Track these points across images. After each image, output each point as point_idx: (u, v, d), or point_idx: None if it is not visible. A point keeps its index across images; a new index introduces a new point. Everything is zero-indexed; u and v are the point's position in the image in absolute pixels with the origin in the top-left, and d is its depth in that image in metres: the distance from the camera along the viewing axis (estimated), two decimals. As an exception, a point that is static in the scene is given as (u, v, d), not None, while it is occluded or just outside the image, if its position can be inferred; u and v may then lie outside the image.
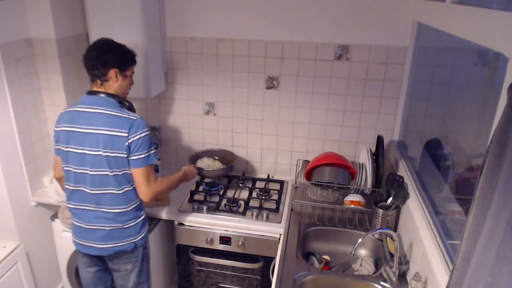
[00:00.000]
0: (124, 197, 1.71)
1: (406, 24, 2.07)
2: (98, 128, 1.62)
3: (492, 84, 1.52)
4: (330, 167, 2.02)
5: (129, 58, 1.74)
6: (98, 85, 1.69)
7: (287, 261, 1.72)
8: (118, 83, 1.70)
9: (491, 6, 1.13)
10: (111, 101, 1.67)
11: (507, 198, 0.72)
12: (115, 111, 1.64)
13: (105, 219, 1.72)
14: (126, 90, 1.77)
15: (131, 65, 1.75)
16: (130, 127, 1.62)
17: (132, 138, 1.62)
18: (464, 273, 0.86)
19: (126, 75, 1.73)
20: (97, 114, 1.63)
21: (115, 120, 1.62)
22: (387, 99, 2.23)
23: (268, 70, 2.30)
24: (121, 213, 1.72)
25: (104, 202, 1.70)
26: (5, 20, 1.93)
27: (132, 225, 1.76)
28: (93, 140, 1.62)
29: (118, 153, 1.62)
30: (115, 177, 1.66)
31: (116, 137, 1.61)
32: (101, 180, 1.67)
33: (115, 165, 1.64)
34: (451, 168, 1.71)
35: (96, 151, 1.63)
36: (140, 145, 1.64)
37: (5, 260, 2.04)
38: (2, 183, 2.03)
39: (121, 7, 2.04)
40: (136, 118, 1.65)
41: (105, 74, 1.66)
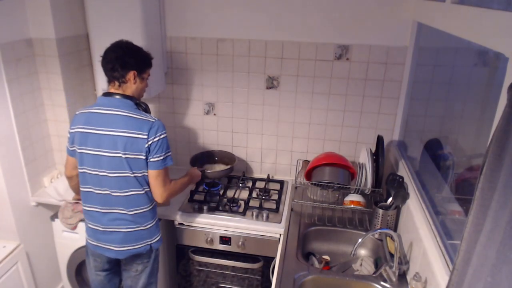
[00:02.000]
0: (145, 197, 1.72)
1: (406, 24, 2.07)
2: (116, 130, 1.62)
3: (492, 84, 1.52)
4: (330, 167, 2.02)
5: (147, 61, 1.75)
6: (116, 86, 1.69)
7: (287, 261, 1.72)
8: (136, 85, 1.71)
9: (491, 6, 1.13)
10: (129, 103, 1.67)
11: (507, 198, 0.72)
12: (133, 113, 1.65)
13: (123, 221, 1.71)
14: (142, 93, 1.78)
15: (148, 67, 1.76)
16: (150, 129, 1.62)
17: (152, 140, 1.63)
18: (464, 273, 0.86)
19: (143, 78, 1.74)
20: (115, 116, 1.63)
21: (134, 122, 1.63)
22: (387, 99, 2.23)
23: (268, 70, 2.30)
24: (141, 213, 1.73)
25: (124, 203, 1.69)
26: (5, 20, 1.93)
27: (149, 226, 1.77)
28: (111, 142, 1.62)
29: (138, 154, 1.63)
30: (136, 178, 1.67)
31: (136, 139, 1.61)
32: (121, 182, 1.66)
33: (135, 167, 1.65)
34: (451, 168, 1.71)
35: (115, 153, 1.63)
36: (159, 147, 1.65)
37: (5, 260, 2.04)
38: (2, 183, 2.03)
39: (121, 7, 2.04)
40: (154, 120, 1.66)
41: (124, 76, 1.66)
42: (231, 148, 2.55)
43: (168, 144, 1.71)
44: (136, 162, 1.64)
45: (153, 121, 1.65)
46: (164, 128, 1.68)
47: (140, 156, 1.63)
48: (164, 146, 1.67)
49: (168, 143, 1.70)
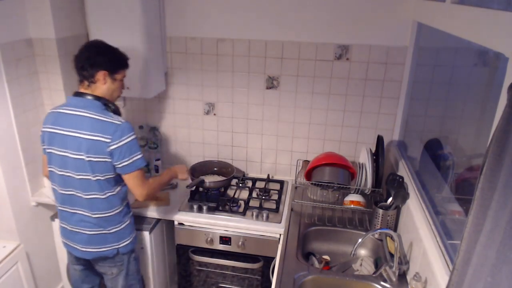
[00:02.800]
0: (107, 202, 1.69)
1: (406, 24, 2.07)
2: (81, 131, 1.59)
3: (492, 84, 1.52)
4: (330, 167, 2.02)
5: (120, 61, 1.71)
6: (85, 86, 1.66)
7: (287, 261, 1.72)
8: (107, 85, 1.67)
9: (491, 6, 1.13)
10: (96, 104, 1.64)
11: (507, 198, 0.72)
12: (100, 115, 1.61)
13: (87, 223, 1.71)
14: (115, 94, 1.74)
15: (121, 68, 1.72)
16: (114, 132, 1.59)
17: (116, 144, 1.59)
18: (464, 273, 0.86)
19: (115, 78, 1.70)
20: (81, 117, 1.61)
21: (98, 124, 1.59)
22: (387, 99, 2.23)
23: (268, 70, 2.30)
24: (104, 218, 1.71)
25: (87, 206, 1.69)
26: (5, 20, 1.93)
27: (115, 230, 1.75)
28: (75, 144, 1.60)
29: (102, 157, 1.60)
30: (98, 182, 1.65)
31: (99, 142, 1.58)
32: (85, 184, 1.65)
33: (98, 170, 1.62)
34: (451, 168, 1.71)
35: (78, 155, 1.61)
36: (125, 151, 1.61)
37: (5, 260, 2.04)
38: (2, 183, 2.03)
39: (121, 7, 2.04)
40: (120, 123, 1.61)
41: (93, 76, 1.64)
42: (231, 148, 2.55)
43: (137, 146, 1.67)
44: (100, 165, 1.61)
45: (119, 123, 1.61)
46: (131, 130, 1.64)
47: (104, 159, 1.60)
48: (132, 149, 1.63)
49: (136, 145, 1.66)
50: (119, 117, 1.65)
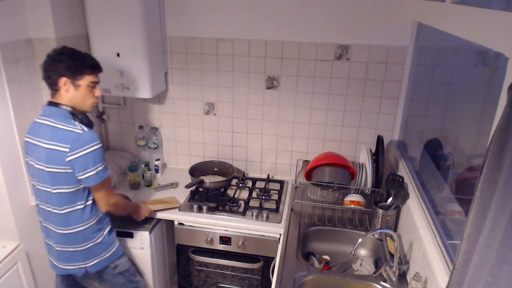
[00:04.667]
0: (64, 218, 1.62)
1: (406, 24, 2.07)
2: (41, 140, 1.55)
3: (492, 84, 1.52)
4: (330, 167, 2.02)
5: (81, 66, 1.59)
6: (52, 95, 1.62)
7: (287, 261, 1.72)
8: (70, 93, 1.58)
9: (491, 6, 1.13)
10: (61, 112, 1.57)
11: (507, 198, 0.72)
12: (61, 123, 1.54)
13: (53, 237, 1.68)
14: (84, 102, 1.63)
15: (82, 74, 1.59)
16: (73, 141, 1.51)
17: (76, 154, 1.51)
18: (464, 273, 0.86)
19: (78, 85, 1.59)
20: (44, 126, 1.56)
21: (58, 133, 1.53)
22: (387, 99, 2.23)
23: (268, 70, 2.30)
24: (64, 234, 1.64)
25: (52, 219, 1.65)
26: (5, 20, 1.93)
27: (78, 249, 1.66)
28: (39, 153, 1.56)
29: (61, 168, 1.52)
30: (57, 195, 1.58)
31: (57, 151, 1.51)
32: (47, 196, 1.61)
33: (58, 182, 1.55)
34: (451, 168, 1.71)
35: (39, 165, 1.57)
36: (88, 162, 1.53)
37: (5, 260, 2.04)
38: (2, 184, 2.03)
39: (121, 7, 2.04)
40: (81, 132, 1.53)
41: (55, 83, 1.57)
42: (231, 148, 2.55)
43: (101, 156, 1.58)
44: (60, 176, 1.53)
45: (80, 132, 1.52)
46: (94, 140, 1.54)
47: (64, 170, 1.52)
48: (95, 159, 1.54)
49: (100, 155, 1.57)
50: (82, 126, 1.56)
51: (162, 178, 2.51)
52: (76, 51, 1.62)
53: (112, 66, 2.16)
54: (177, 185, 2.39)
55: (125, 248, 2.14)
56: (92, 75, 1.63)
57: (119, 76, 2.18)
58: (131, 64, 2.15)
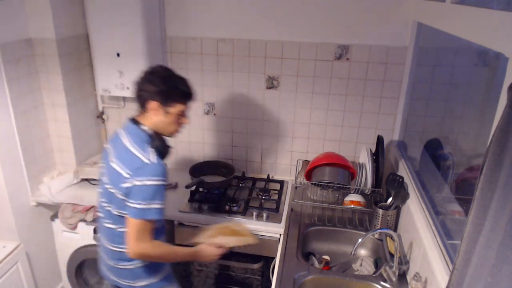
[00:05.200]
0: (114, 234, 1.54)
1: (406, 24, 2.07)
2: (114, 157, 1.49)
3: (492, 84, 1.52)
4: (330, 167, 2.02)
5: (175, 93, 1.48)
6: (139, 113, 1.54)
7: (287, 261, 1.72)
8: (158, 118, 1.49)
9: (491, 6, 1.13)
10: (140, 135, 1.48)
11: (507, 198, 0.72)
12: (134, 147, 1.45)
13: (105, 250, 1.62)
14: (169, 128, 1.54)
15: (177, 102, 1.49)
16: (136, 169, 1.41)
17: (133, 182, 1.40)
18: (464, 273, 0.86)
19: (168, 112, 1.48)
20: (120, 142, 1.50)
21: (127, 155, 1.45)
22: (387, 99, 2.23)
23: (268, 70, 2.30)
24: (115, 251, 1.56)
25: (104, 232, 1.60)
26: (5, 20, 1.93)
27: (127, 267, 1.57)
28: (107, 167, 1.52)
29: (117, 192, 1.45)
30: (109, 212, 1.52)
31: (119, 174, 1.43)
32: (105, 210, 1.55)
33: (115, 203, 1.48)
34: (451, 168, 1.71)
35: (104, 179, 1.54)
36: (141, 193, 1.40)
37: (5, 260, 2.04)
38: (2, 183, 2.03)
39: (121, 7, 2.04)
40: (148, 162, 1.41)
41: (144, 105, 1.49)
42: (231, 148, 2.55)
43: (161, 195, 1.43)
44: (115, 198, 1.46)
45: (147, 162, 1.41)
46: (157, 175, 1.41)
47: (117, 194, 1.45)
48: (150, 194, 1.40)
49: (160, 193, 1.43)
50: (153, 155, 1.44)
51: (162, 178, 2.51)
52: (171, 74, 1.51)
53: (112, 66, 2.16)
54: (177, 185, 2.39)
55: (125, 248, 2.14)
56: (183, 104, 1.52)
57: (119, 76, 2.18)
58: (131, 64, 2.15)
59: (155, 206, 1.42)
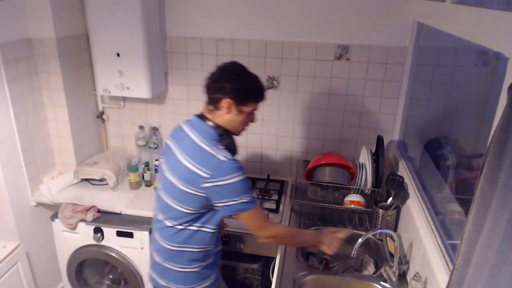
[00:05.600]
0: (175, 234, 1.50)
1: (406, 24, 2.07)
2: (184, 155, 1.43)
3: (492, 84, 1.52)
4: (330, 167, 2.02)
5: (251, 93, 1.46)
6: (208, 110, 1.49)
7: (287, 261, 1.72)
8: (230, 116, 1.45)
9: (491, 6, 1.13)
10: (209, 132, 1.45)
11: (507, 198, 0.72)
12: (206, 144, 1.41)
13: (158, 246, 1.57)
14: (239, 127, 1.51)
15: (251, 101, 1.46)
16: (215, 168, 1.38)
17: (214, 183, 1.38)
18: (464, 273, 0.86)
19: (242, 111, 1.46)
20: (188, 138, 1.45)
21: (201, 154, 1.40)
22: (387, 99, 2.23)
23: (268, 70, 2.30)
24: (169, 250, 1.52)
25: (160, 230, 1.55)
26: (5, 20, 1.93)
27: (174, 269, 1.54)
28: (175, 166, 1.45)
29: (196, 191, 1.40)
30: (179, 212, 1.46)
31: (196, 174, 1.39)
32: (165, 207, 1.51)
33: (186, 201, 1.44)
34: (451, 168, 1.71)
35: (172, 178, 1.46)
36: (227, 193, 1.40)
37: (5, 260, 2.04)
38: (2, 183, 2.03)
39: (121, 7, 2.04)
40: (224, 160, 1.39)
41: (217, 102, 1.44)
42: (231, 148, 2.54)
43: (242, 188, 1.41)
44: (190, 197, 1.42)
45: (223, 160, 1.38)
46: (236, 171, 1.39)
47: (197, 193, 1.41)
48: (234, 191, 1.40)
49: (240, 187, 1.40)
50: (226, 153, 1.41)
51: (162, 178, 2.51)
52: (247, 73, 1.48)
53: (112, 66, 2.16)
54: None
55: (125, 248, 2.15)
56: (257, 104, 1.50)
57: (119, 76, 2.18)
58: (131, 64, 2.15)
59: (246, 197, 1.43)
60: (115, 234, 2.12)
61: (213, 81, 1.45)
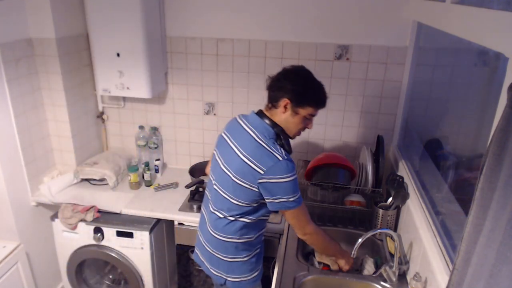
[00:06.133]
0: (224, 224, 1.55)
1: (406, 24, 2.07)
2: (241, 150, 1.47)
3: (492, 84, 1.52)
4: (330, 167, 2.02)
5: (309, 96, 1.47)
6: (267, 107, 1.52)
7: (287, 261, 1.72)
8: (285, 116, 1.48)
9: (491, 6, 1.13)
10: (267, 130, 1.48)
11: (507, 198, 0.72)
12: (264, 142, 1.45)
13: (208, 236, 1.63)
14: (293, 129, 1.53)
15: (308, 104, 1.47)
16: (271, 166, 1.41)
17: (268, 179, 1.42)
18: (464, 273, 0.86)
19: (297, 112, 1.48)
20: (246, 134, 1.49)
21: (259, 151, 1.44)
22: (387, 99, 2.23)
23: (268, 70, 2.30)
24: (220, 240, 1.58)
25: (210, 220, 1.61)
26: (5, 20, 1.93)
27: (225, 259, 1.60)
28: (231, 159, 1.49)
29: (250, 185, 1.45)
30: (231, 204, 1.51)
31: (252, 169, 1.43)
32: (217, 198, 1.56)
33: (240, 194, 1.49)
34: (451, 168, 1.71)
35: (227, 171, 1.50)
36: (279, 191, 1.44)
37: (5, 260, 2.04)
38: (2, 183, 2.03)
39: (121, 7, 2.04)
40: (281, 159, 1.42)
41: (276, 100, 1.48)
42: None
43: (292, 188, 1.45)
44: (243, 190, 1.47)
45: (279, 159, 1.42)
46: (290, 171, 1.43)
47: (250, 187, 1.46)
48: (285, 190, 1.44)
49: (291, 187, 1.44)
50: (283, 152, 1.45)
51: (162, 178, 2.51)
52: (311, 78, 1.50)
53: (112, 66, 2.16)
54: (177, 185, 2.39)
55: (125, 248, 2.15)
56: (315, 109, 1.51)
57: (119, 76, 2.18)
58: (131, 64, 2.15)
59: (294, 197, 1.47)
60: (115, 234, 2.12)
61: (277, 79, 1.49)
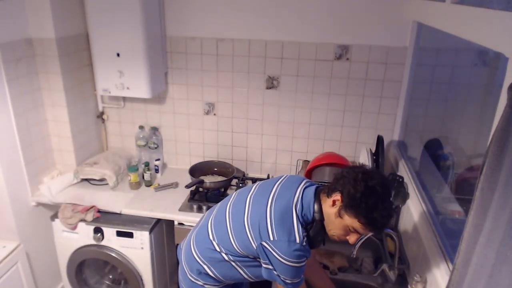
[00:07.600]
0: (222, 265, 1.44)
1: (406, 24, 2.07)
2: (273, 202, 1.35)
3: (492, 84, 1.52)
4: (330, 167, 2.02)
5: (362, 209, 1.21)
6: (324, 192, 1.36)
7: (287, 261, 1.72)
8: (331, 211, 1.30)
9: (491, 6, 1.13)
10: (309, 211, 1.33)
11: (507, 198, 0.72)
12: (295, 216, 1.31)
13: (188, 254, 1.53)
14: (332, 230, 1.33)
15: (356, 216, 1.23)
16: (283, 242, 1.28)
17: (271, 250, 1.30)
18: (464, 273, 0.86)
19: (342, 216, 1.27)
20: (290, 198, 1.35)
21: (284, 220, 1.30)
22: (387, 99, 2.23)
23: (268, 70, 2.30)
24: (200, 267, 1.48)
25: (204, 245, 1.48)
26: (5, 20, 1.93)
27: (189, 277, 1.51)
28: (260, 203, 1.38)
29: (251, 238, 1.35)
30: (232, 246, 1.40)
31: (266, 230, 1.31)
32: (222, 231, 1.44)
33: (239, 239, 1.38)
34: (451, 168, 1.71)
35: (247, 207, 1.41)
36: (276, 265, 1.31)
37: (5, 260, 2.04)
38: (2, 183, 2.03)
39: (121, 7, 2.04)
40: (297, 242, 1.27)
41: (331, 192, 1.31)
42: (231, 148, 2.55)
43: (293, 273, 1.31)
44: (245, 240, 1.36)
45: (295, 242, 1.27)
46: (298, 258, 1.28)
47: (251, 242, 1.35)
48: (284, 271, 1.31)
49: (293, 272, 1.31)
50: (302, 237, 1.29)
51: (162, 178, 2.51)
52: (378, 193, 1.22)
53: (112, 66, 2.16)
54: (177, 185, 2.39)
55: (125, 248, 2.15)
56: (362, 226, 1.24)
57: (119, 76, 2.18)
58: (131, 64, 2.15)
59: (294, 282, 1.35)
60: (115, 234, 2.12)
61: (346, 172, 1.31)
